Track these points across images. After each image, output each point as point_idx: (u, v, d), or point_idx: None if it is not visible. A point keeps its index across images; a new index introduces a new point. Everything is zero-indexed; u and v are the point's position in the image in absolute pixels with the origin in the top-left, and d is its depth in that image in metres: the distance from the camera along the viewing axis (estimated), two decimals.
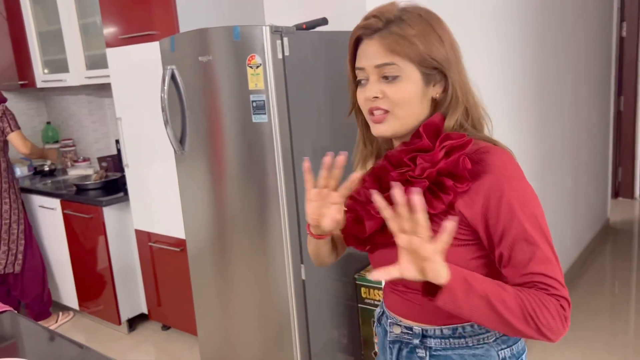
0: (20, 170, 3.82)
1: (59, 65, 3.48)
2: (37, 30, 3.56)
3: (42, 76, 3.62)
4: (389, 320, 1.10)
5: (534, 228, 0.90)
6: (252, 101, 2.00)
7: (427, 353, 1.04)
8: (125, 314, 3.20)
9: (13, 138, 3.15)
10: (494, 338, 1.01)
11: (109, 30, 2.82)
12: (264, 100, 1.96)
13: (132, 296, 3.21)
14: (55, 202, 3.26)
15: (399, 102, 0.93)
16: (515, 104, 2.85)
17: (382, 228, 0.97)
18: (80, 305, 3.40)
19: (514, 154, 0.97)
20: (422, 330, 1.04)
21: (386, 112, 0.95)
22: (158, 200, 2.86)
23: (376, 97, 0.94)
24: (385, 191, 0.92)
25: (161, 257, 2.98)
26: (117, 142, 3.35)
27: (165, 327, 3.22)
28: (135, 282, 3.22)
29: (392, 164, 0.97)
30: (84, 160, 3.85)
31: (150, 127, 2.74)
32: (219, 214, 2.29)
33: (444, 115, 0.96)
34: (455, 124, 0.95)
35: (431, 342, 1.03)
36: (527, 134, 2.96)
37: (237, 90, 2.04)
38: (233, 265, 2.29)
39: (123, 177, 3.11)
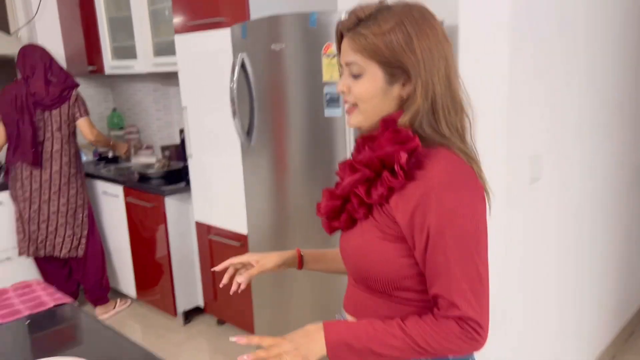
0: (85, 156, 3.86)
1: (127, 52, 3.47)
2: (108, 16, 3.57)
3: (110, 62, 3.63)
4: (337, 317, 1.17)
5: (456, 246, 0.90)
6: (326, 93, 1.87)
7: None
8: (182, 305, 3.16)
9: (81, 124, 3.17)
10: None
11: (179, 16, 2.76)
12: (339, 93, 1.83)
13: (189, 288, 3.17)
14: (119, 189, 3.26)
15: (360, 97, 0.96)
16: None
17: (338, 214, 1.03)
18: (138, 293, 3.40)
19: (477, 164, 0.97)
20: None
21: (354, 105, 0.99)
22: (219, 193, 2.78)
23: (343, 92, 1.00)
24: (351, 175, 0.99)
25: (220, 251, 2.91)
26: (181, 131, 3.31)
27: (221, 322, 3.16)
28: (193, 275, 3.17)
29: (356, 149, 1.03)
30: (147, 148, 3.85)
31: (215, 117, 2.67)
32: (282, 210, 2.18)
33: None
34: (412, 122, 0.94)
35: None
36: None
37: (309, 81, 1.92)
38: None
39: (185, 167, 3.07)
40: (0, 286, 3.21)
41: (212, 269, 1.24)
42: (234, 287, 1.18)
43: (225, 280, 1.23)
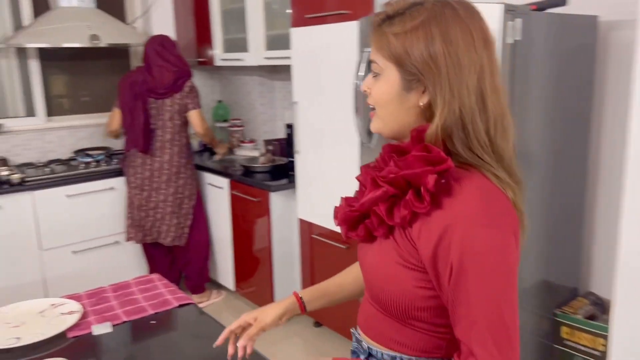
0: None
1: (238, 45, 3.46)
2: (221, 8, 3.57)
3: (220, 55, 3.64)
4: (352, 330, 1.09)
5: (479, 288, 0.80)
6: None
7: None
8: None
9: (193, 115, 3.17)
10: None
11: (296, 9, 2.68)
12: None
13: (288, 286, 3.10)
14: (225, 182, 3.25)
15: (377, 101, 0.89)
16: None
17: (355, 225, 0.94)
18: (236, 286, 3.38)
19: (514, 190, 0.85)
20: (369, 347, 0.99)
21: (373, 109, 0.91)
22: (327, 192, 2.68)
23: (365, 91, 0.92)
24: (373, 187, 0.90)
25: (323, 251, 2.81)
26: (288, 126, 3.24)
27: (318, 324, 3.07)
28: (292, 273, 3.10)
29: (381, 158, 0.92)
30: (251, 141, 3.83)
31: (327, 114, 2.56)
32: None
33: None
34: (435, 136, 0.83)
35: None
36: None
37: None
38: None
39: (290, 163, 3.00)
40: (108, 269, 3.35)
41: (214, 346, 1.14)
42: (240, 354, 1.10)
43: (230, 351, 1.13)
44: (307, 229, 2.88)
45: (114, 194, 3.33)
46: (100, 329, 1.33)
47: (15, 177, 3.04)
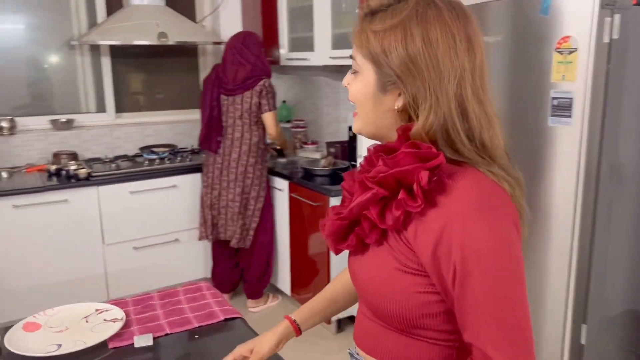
0: None
1: (304, 44, 3.37)
2: (289, 6, 3.50)
3: (286, 54, 3.57)
4: (349, 351, 1.03)
5: (486, 286, 0.74)
6: (553, 98, 1.50)
7: None
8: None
9: (267, 117, 3.07)
10: None
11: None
12: (571, 98, 1.46)
13: None
14: (284, 184, 3.17)
15: (354, 99, 0.86)
16: None
17: (345, 235, 0.88)
18: (292, 291, 3.30)
19: (511, 183, 0.80)
20: None
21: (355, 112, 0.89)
22: None
23: (346, 86, 0.88)
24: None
25: None
26: (351, 129, 3.12)
27: None
28: None
29: (368, 159, 0.86)
30: (313, 143, 3.74)
31: None
32: None
33: None
34: (423, 133, 0.79)
35: None
36: None
37: (531, 81, 1.56)
38: None
39: (352, 167, 2.87)
40: (166, 267, 3.36)
41: None
42: None
43: None
44: None
45: (176, 191, 3.34)
46: (142, 340, 1.26)
47: (82, 171, 3.10)
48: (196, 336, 1.31)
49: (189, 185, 3.37)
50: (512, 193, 0.80)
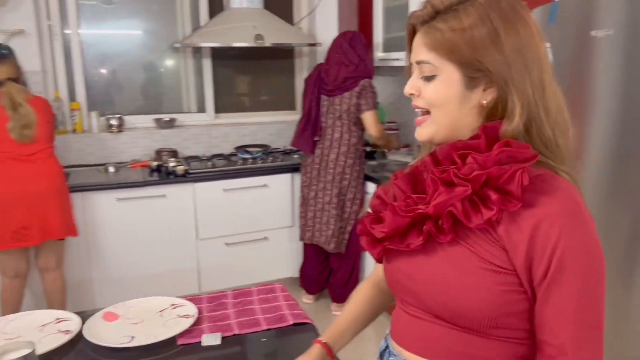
0: None
1: (398, 44, 3.28)
2: (384, 5, 3.43)
3: (380, 55, 3.50)
4: (391, 358, 0.95)
5: (578, 286, 0.76)
6: None
7: None
8: None
9: (366, 117, 3.02)
10: None
11: None
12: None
13: None
14: (373, 187, 3.10)
15: (433, 102, 0.83)
16: None
17: (404, 233, 0.86)
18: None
19: (580, 193, 0.81)
20: None
21: (427, 112, 0.85)
22: None
23: (412, 94, 0.87)
24: (420, 192, 0.86)
25: None
26: None
27: None
28: None
29: (436, 160, 0.85)
30: (405, 146, 3.64)
31: None
32: None
33: None
34: (513, 133, 0.79)
35: None
36: None
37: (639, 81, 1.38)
38: None
39: None
40: (256, 263, 3.42)
41: None
42: None
43: None
44: None
45: (267, 191, 3.39)
46: (210, 339, 1.26)
47: (180, 168, 3.24)
48: (263, 339, 1.29)
49: (279, 185, 3.41)
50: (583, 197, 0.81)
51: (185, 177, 3.22)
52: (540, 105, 0.80)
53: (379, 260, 0.94)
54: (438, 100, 0.83)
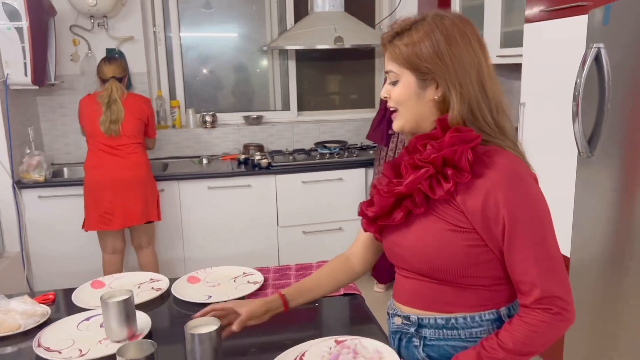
0: None
1: None
2: (461, 5, 3.50)
3: None
4: (391, 312, 1.19)
5: (529, 232, 0.98)
6: None
7: (421, 342, 1.11)
8: None
9: None
10: (487, 333, 1.06)
11: (531, 3, 2.47)
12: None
13: None
14: None
15: (397, 101, 1.07)
16: None
17: (390, 211, 1.08)
18: None
19: (524, 158, 1.06)
20: (418, 319, 1.11)
21: (395, 110, 1.09)
22: (552, 206, 2.41)
23: (386, 97, 1.10)
24: (399, 177, 1.08)
25: None
26: (516, 130, 3.01)
27: None
28: None
29: (408, 150, 1.07)
30: None
31: (554, 117, 2.31)
32: (623, 237, 1.73)
33: None
34: (457, 120, 1.01)
35: (426, 332, 1.10)
36: None
37: None
38: (630, 298, 1.71)
39: None
40: (330, 251, 3.63)
41: (192, 317, 1.18)
42: (225, 334, 1.18)
43: (197, 315, 1.19)
44: None
45: (342, 184, 3.60)
46: None
47: (264, 161, 3.53)
48: (316, 304, 1.49)
49: (353, 179, 3.60)
50: (528, 163, 1.04)
51: (269, 169, 3.50)
52: (481, 98, 1.01)
53: (378, 238, 1.17)
54: (401, 99, 1.06)
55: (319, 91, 4.31)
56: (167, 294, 1.57)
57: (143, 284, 1.63)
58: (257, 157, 3.60)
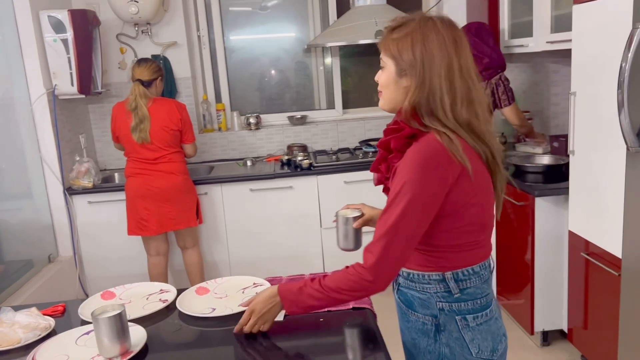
0: None
1: (524, 29, 3.11)
2: None
3: (506, 41, 3.34)
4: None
5: (398, 209, 1.16)
6: None
7: (396, 287, 1.36)
8: (541, 324, 2.72)
9: (507, 111, 3.14)
10: (434, 291, 1.27)
11: None
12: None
13: (552, 307, 2.69)
14: None
15: (382, 85, 1.26)
16: None
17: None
18: (497, 294, 3.12)
19: (449, 140, 1.16)
20: (402, 270, 1.33)
21: (381, 92, 1.28)
22: (601, 202, 2.19)
23: (377, 80, 1.29)
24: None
25: (594, 274, 2.33)
26: None
27: (586, 358, 2.58)
28: (559, 292, 2.67)
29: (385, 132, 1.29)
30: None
31: (607, 107, 2.08)
32: None
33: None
34: (408, 108, 1.20)
35: (399, 280, 1.34)
36: None
37: None
38: None
39: (568, 164, 2.56)
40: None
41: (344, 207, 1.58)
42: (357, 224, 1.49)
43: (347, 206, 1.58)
44: (579, 245, 2.42)
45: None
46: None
47: (305, 162, 3.47)
48: (321, 319, 1.41)
49: None
50: (456, 152, 1.15)
51: (310, 170, 3.44)
52: (445, 91, 1.17)
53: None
54: (384, 84, 1.25)
55: (363, 87, 4.20)
56: (173, 306, 1.53)
57: (152, 295, 1.61)
58: (300, 158, 3.54)
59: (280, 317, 1.40)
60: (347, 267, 1.23)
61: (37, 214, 3.27)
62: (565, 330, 2.67)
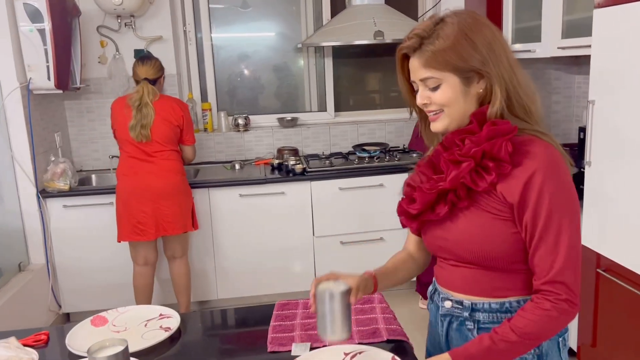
0: None
1: (530, 34, 3.01)
2: None
3: (510, 46, 3.23)
4: (441, 296, 1.20)
5: (555, 219, 1.01)
6: None
7: (476, 326, 1.13)
8: None
9: None
10: None
11: None
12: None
13: None
14: None
15: (444, 104, 1.08)
16: None
17: (432, 207, 1.11)
18: None
19: (559, 145, 1.07)
20: (472, 304, 1.13)
21: (440, 111, 1.09)
22: (617, 216, 2.09)
23: (424, 104, 1.10)
24: (438, 173, 1.11)
25: (610, 292, 2.22)
26: (582, 130, 2.68)
27: None
28: None
29: (445, 146, 1.11)
30: None
31: (629, 118, 1.98)
32: None
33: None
34: (497, 113, 1.05)
35: (479, 316, 1.12)
36: None
37: None
38: None
39: (579, 174, 2.46)
40: (371, 264, 3.37)
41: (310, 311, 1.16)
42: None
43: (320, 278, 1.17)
44: (593, 259, 2.31)
45: (383, 191, 3.32)
46: (299, 349, 1.24)
47: (298, 167, 3.29)
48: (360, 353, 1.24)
49: (395, 185, 3.30)
50: (565, 157, 1.05)
51: (304, 175, 3.27)
52: (515, 83, 1.05)
53: (416, 233, 1.22)
54: (449, 101, 1.07)
55: (357, 90, 4.04)
56: (177, 335, 1.34)
57: (151, 321, 1.41)
58: (292, 162, 3.36)
59: (305, 350, 1.23)
60: (535, 309, 1.02)
61: (7, 218, 3.00)
62: (575, 348, 2.56)
